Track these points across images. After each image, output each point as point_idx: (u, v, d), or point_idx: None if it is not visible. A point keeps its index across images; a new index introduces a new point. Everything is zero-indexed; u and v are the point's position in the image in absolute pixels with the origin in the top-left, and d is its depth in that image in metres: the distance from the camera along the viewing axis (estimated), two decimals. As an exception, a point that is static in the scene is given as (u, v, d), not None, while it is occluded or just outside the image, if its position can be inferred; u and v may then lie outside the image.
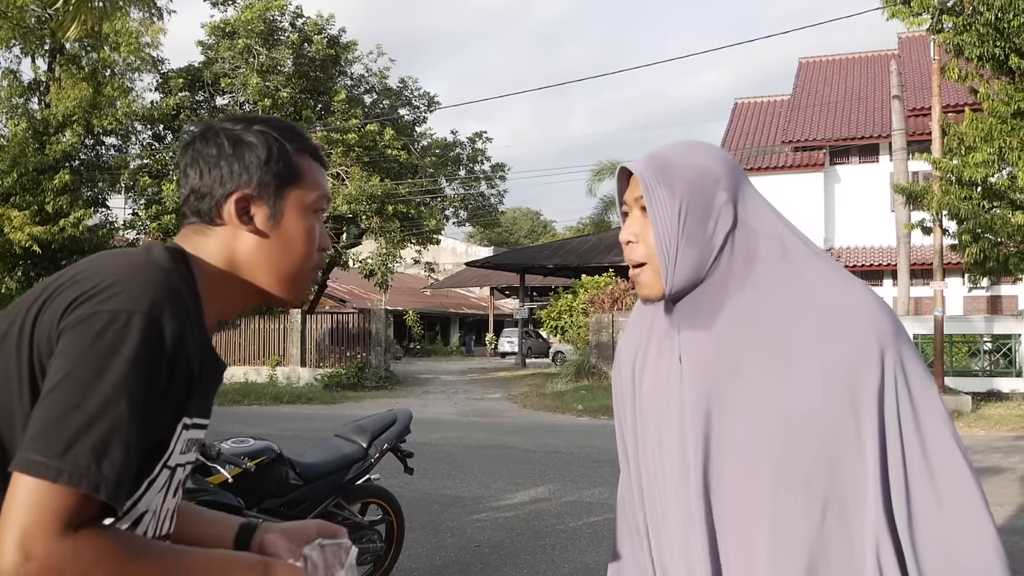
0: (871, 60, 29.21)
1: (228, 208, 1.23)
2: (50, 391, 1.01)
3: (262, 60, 22.01)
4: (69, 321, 1.04)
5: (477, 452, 10.49)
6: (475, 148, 26.85)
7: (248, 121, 1.28)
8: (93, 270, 1.10)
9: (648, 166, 1.34)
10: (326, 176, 1.35)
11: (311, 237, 1.28)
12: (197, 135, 1.28)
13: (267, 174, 1.24)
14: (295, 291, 1.30)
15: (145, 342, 1.03)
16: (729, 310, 1.31)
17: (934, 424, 1.26)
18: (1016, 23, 13.27)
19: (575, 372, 21.58)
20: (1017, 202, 13.86)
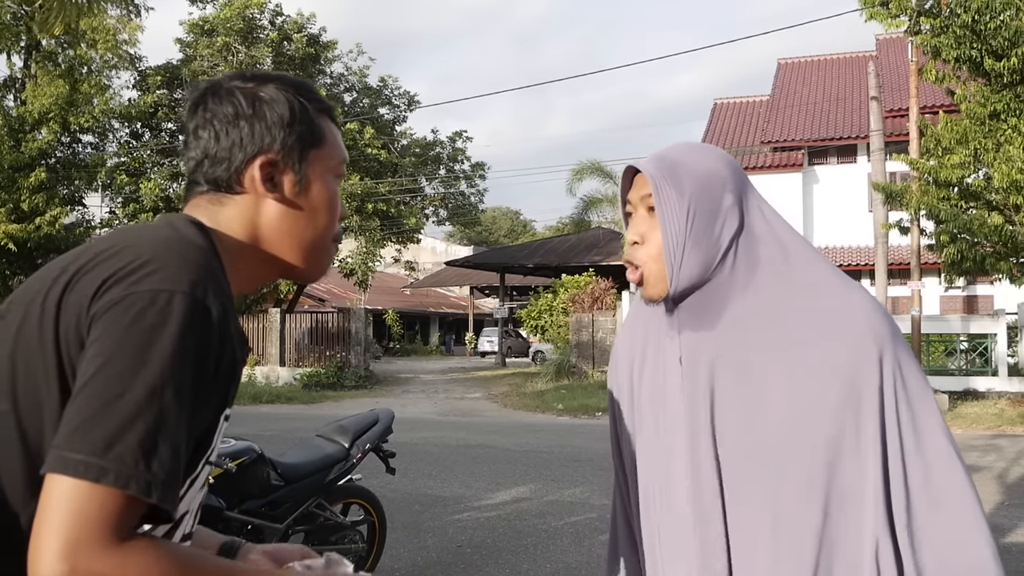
0: (849, 61, 29.41)
1: (251, 174, 1.12)
2: (87, 382, 0.90)
3: (241, 58, 21.89)
4: (101, 304, 0.94)
5: (458, 452, 10.47)
6: (455, 147, 26.85)
7: (261, 78, 1.17)
8: (120, 247, 0.99)
9: (656, 166, 1.34)
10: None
11: (334, 205, 1.20)
12: (208, 92, 1.15)
13: (291, 136, 1.14)
14: (321, 264, 1.21)
15: (190, 324, 0.94)
16: (731, 312, 1.32)
17: (931, 427, 1.27)
18: (992, 26, 13.41)
19: (555, 371, 21.61)
20: (993, 203, 13.99)
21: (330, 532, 4.46)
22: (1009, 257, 14.08)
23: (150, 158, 22.33)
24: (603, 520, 6.60)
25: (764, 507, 1.28)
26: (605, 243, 30.45)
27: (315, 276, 1.23)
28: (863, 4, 15.89)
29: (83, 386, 0.90)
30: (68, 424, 0.88)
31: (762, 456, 1.28)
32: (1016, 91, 13.60)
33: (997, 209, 13.90)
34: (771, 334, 1.29)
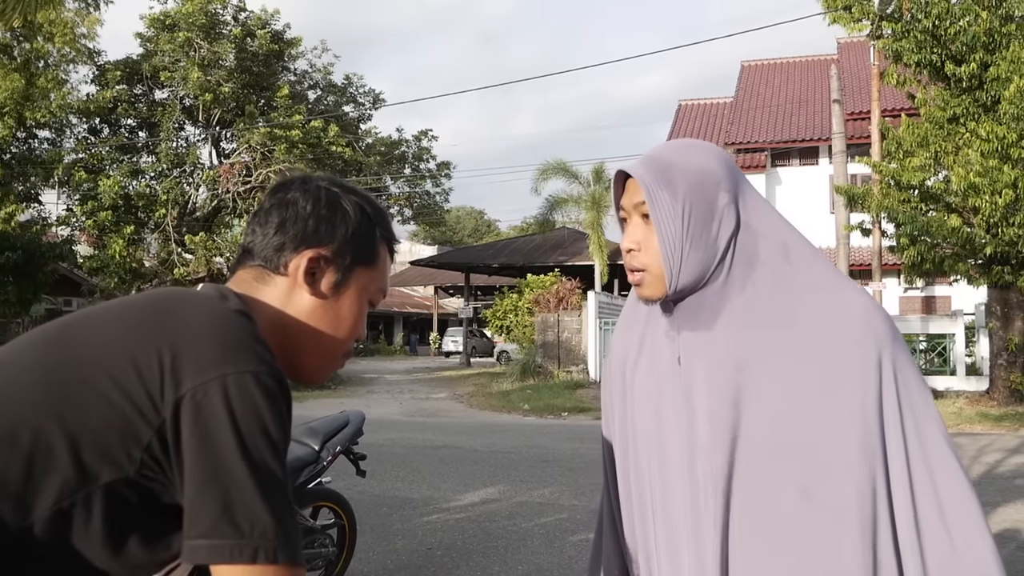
0: (811, 64, 29.74)
1: (298, 261, 1.18)
2: (204, 475, 0.96)
3: (203, 54, 21.60)
4: (187, 390, 0.98)
5: (425, 453, 10.40)
6: (420, 146, 26.73)
7: (348, 189, 1.25)
8: (179, 325, 1.04)
9: (648, 169, 1.31)
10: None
11: (359, 323, 1.25)
12: (296, 183, 1.23)
13: (347, 245, 1.20)
14: (325, 371, 1.26)
15: (276, 402, 1.01)
16: (730, 312, 1.30)
17: (931, 429, 1.26)
18: (952, 31, 13.65)
19: (521, 371, 21.62)
20: (952, 205, 14.22)
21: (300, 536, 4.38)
22: (967, 259, 14.33)
23: (109, 155, 21.94)
24: (573, 521, 6.58)
25: (762, 509, 1.26)
26: (570, 243, 30.53)
27: (316, 380, 1.27)
28: (826, 8, 16.10)
29: (201, 476, 0.96)
30: (209, 514, 0.95)
31: (761, 457, 1.26)
32: (974, 95, 13.85)
33: (956, 211, 14.13)
34: (770, 333, 1.28)
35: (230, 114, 22.28)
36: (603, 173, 28.52)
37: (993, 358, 14.94)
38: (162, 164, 21.78)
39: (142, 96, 23.28)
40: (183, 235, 21.42)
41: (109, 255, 20.33)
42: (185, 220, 22.18)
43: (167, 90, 22.97)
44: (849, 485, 1.23)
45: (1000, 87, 13.37)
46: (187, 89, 21.70)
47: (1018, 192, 13.02)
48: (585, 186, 28.57)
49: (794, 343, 1.27)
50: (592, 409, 16.01)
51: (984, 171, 13.04)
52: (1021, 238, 13.26)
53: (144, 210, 21.47)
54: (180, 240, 21.40)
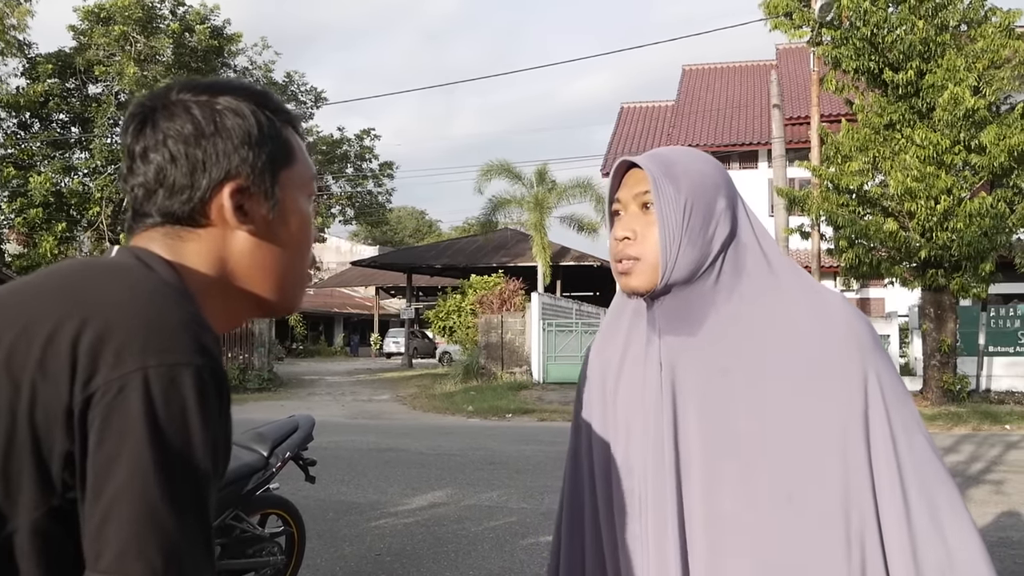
0: (751, 70, 30.21)
1: (219, 204, 0.96)
2: (113, 491, 0.78)
3: (139, 48, 21.09)
4: (98, 387, 0.79)
5: (369, 456, 10.27)
6: (363, 145, 26.50)
7: (215, 88, 1.00)
8: (92, 304, 0.84)
9: (654, 162, 1.32)
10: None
11: (309, 229, 1.05)
12: (155, 107, 0.97)
13: (260, 156, 0.98)
14: (297, 296, 1.07)
15: (210, 404, 0.82)
16: (715, 320, 1.30)
17: (917, 434, 1.26)
18: (889, 39, 13.96)
19: (464, 373, 21.54)
20: (889, 209, 14.54)
21: (247, 545, 4.26)
22: (902, 262, 14.67)
23: (40, 150, 21.28)
24: (523, 525, 6.54)
25: (748, 514, 1.25)
26: (513, 244, 30.54)
27: (292, 309, 1.09)
28: (768, 14, 16.33)
29: (116, 494, 0.78)
30: (113, 544, 0.77)
31: (745, 463, 1.26)
32: (910, 102, 14.19)
33: (892, 215, 14.46)
34: (753, 341, 1.28)
35: (167, 110, 21.78)
36: (546, 174, 28.60)
37: (926, 359, 15.31)
38: (96, 161, 21.19)
39: (75, 90, 22.62)
40: (118, 234, 20.88)
41: (40, 254, 19.71)
42: (120, 219, 21.62)
43: (102, 85, 22.36)
44: (834, 490, 1.23)
45: (935, 94, 13.71)
46: (123, 84, 21.14)
47: (952, 198, 13.38)
48: (528, 187, 28.61)
49: (778, 350, 1.27)
50: (536, 411, 16.02)
51: (921, 176, 13.37)
52: (954, 242, 13.62)
53: (77, 208, 20.88)
54: (115, 239, 20.85)
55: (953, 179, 13.54)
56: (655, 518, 1.30)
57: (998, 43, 13.95)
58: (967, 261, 13.83)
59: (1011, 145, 13.33)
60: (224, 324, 1.02)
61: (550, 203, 28.23)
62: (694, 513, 1.27)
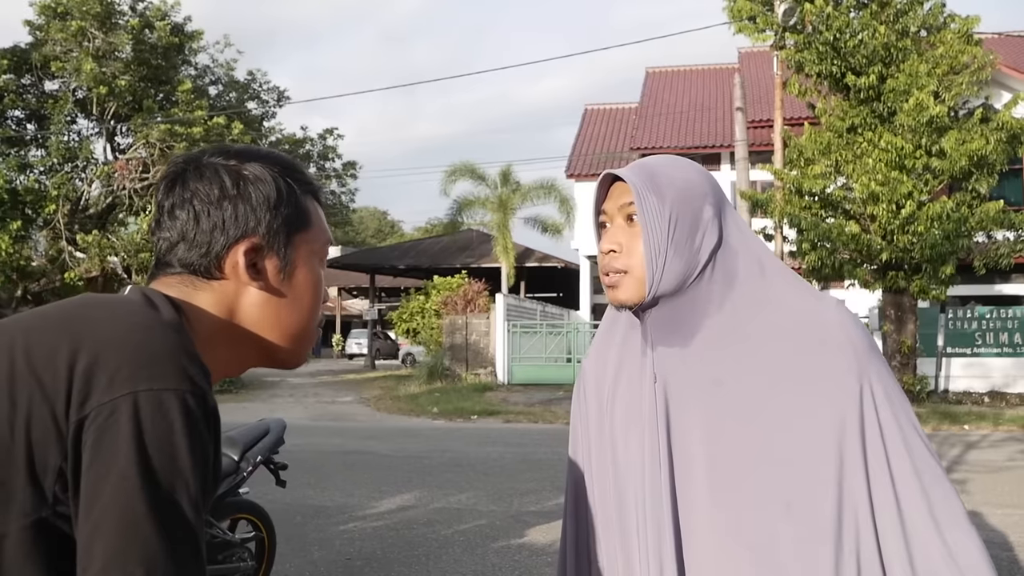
0: (714, 73, 30.41)
1: (234, 260, 1.03)
2: (99, 510, 0.81)
3: (98, 44, 20.67)
4: (91, 409, 0.84)
5: (335, 458, 10.17)
6: (326, 145, 26.28)
7: (245, 154, 1.08)
8: (93, 333, 0.89)
9: (637, 174, 1.30)
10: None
11: (319, 290, 1.12)
12: (187, 168, 1.06)
13: (277, 219, 1.05)
14: (303, 351, 1.13)
15: (196, 426, 0.86)
16: (707, 329, 1.28)
17: (914, 438, 1.25)
18: (851, 44, 14.14)
19: (428, 374, 21.45)
20: (850, 212, 14.73)
21: (218, 550, 4.18)
22: (864, 264, 14.87)
23: (-3, 149, 20.82)
24: (493, 527, 6.51)
25: (745, 525, 1.23)
26: (477, 245, 30.50)
27: (296, 363, 1.14)
28: (732, 18, 16.47)
29: (104, 510, 0.82)
30: (99, 557, 0.81)
31: (741, 473, 1.24)
32: (872, 107, 14.38)
33: (854, 218, 14.65)
34: (746, 350, 1.26)
35: (126, 108, 21.37)
36: (510, 175, 28.61)
37: (887, 360, 15.52)
38: (52, 158, 20.76)
39: (31, 87, 22.12)
40: (75, 233, 20.48)
41: (-6, 252, 19.27)
42: (77, 217, 21.21)
43: (58, 81, 21.89)
44: (831, 496, 1.21)
45: (896, 99, 13.91)
46: (80, 81, 20.72)
47: (914, 202, 13.59)
48: (492, 188, 28.58)
49: (771, 358, 1.25)
50: (502, 412, 15.99)
51: (885, 180, 13.56)
52: (915, 245, 13.83)
53: (32, 206, 20.42)
54: (72, 238, 20.45)
55: (914, 183, 13.74)
56: (652, 533, 1.28)
57: (957, 49, 14.20)
58: (927, 264, 14.05)
59: (971, 150, 13.57)
60: (230, 370, 1.10)
61: (514, 204, 28.23)
62: (691, 526, 1.26)
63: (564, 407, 16.70)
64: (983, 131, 14.02)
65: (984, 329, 17.52)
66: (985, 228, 14.46)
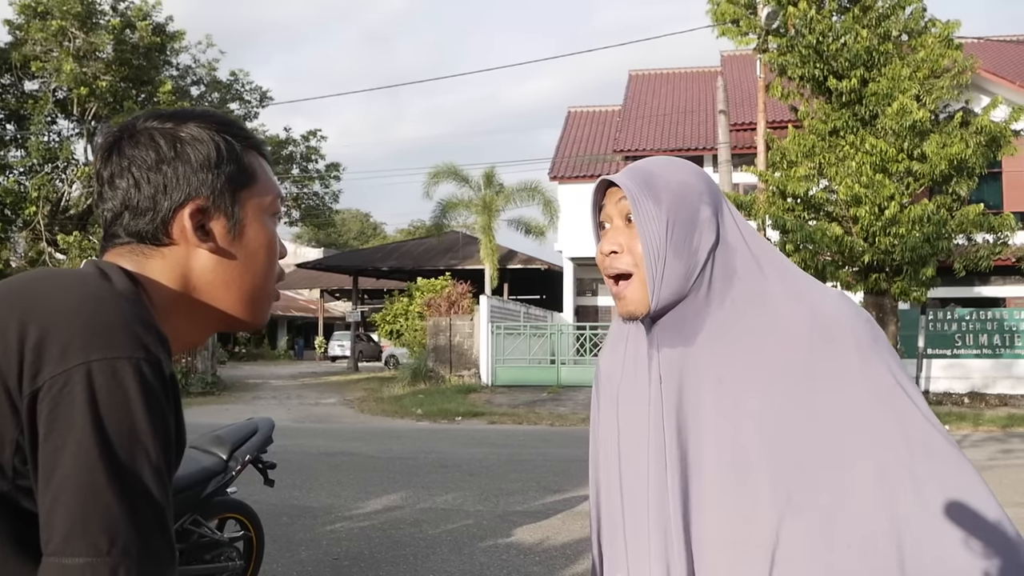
0: (696, 76, 30.54)
1: (180, 224, 1.02)
2: (59, 481, 0.82)
3: (79, 44, 20.52)
4: (44, 381, 0.84)
5: (319, 459, 10.14)
6: (309, 146, 26.20)
7: (180, 116, 1.06)
8: (44, 306, 0.88)
9: (632, 178, 1.31)
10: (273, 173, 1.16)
11: (273, 247, 1.10)
12: (121, 136, 1.04)
13: (219, 178, 1.04)
14: (262, 312, 1.11)
15: (153, 393, 0.86)
16: (709, 328, 1.29)
17: (926, 428, 1.24)
18: (834, 47, 14.24)
19: (411, 376, 21.40)
20: (833, 214, 14.83)
21: (206, 550, 4.16)
22: (846, 266, 14.96)
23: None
24: (480, 527, 6.51)
25: (749, 528, 1.23)
26: (461, 247, 30.49)
27: (259, 324, 1.13)
28: (715, 21, 16.55)
29: (56, 479, 0.82)
30: (60, 528, 0.82)
31: (741, 472, 1.24)
32: (854, 110, 14.49)
33: (836, 220, 14.74)
34: (749, 347, 1.26)
35: (107, 109, 21.21)
36: (493, 177, 28.60)
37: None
38: (32, 159, 20.59)
39: (11, 87, 21.93)
40: (55, 234, 20.32)
41: (-27, 254, 19.12)
42: (58, 218, 21.05)
43: (38, 81, 21.73)
44: (835, 488, 1.21)
45: (879, 103, 14.02)
46: (60, 81, 20.56)
47: (896, 204, 13.70)
48: (476, 190, 28.58)
49: (773, 354, 1.25)
50: (486, 413, 15.99)
51: (869, 183, 13.66)
52: (897, 247, 13.93)
53: (12, 207, 20.26)
54: (52, 239, 20.29)
55: (896, 186, 13.85)
56: (657, 535, 1.28)
57: (938, 53, 14.33)
58: (909, 266, 14.16)
59: (951, 154, 13.70)
60: (191, 338, 1.08)
61: (498, 206, 28.23)
62: (699, 525, 1.26)
63: (548, 408, 16.72)
64: (963, 135, 14.15)
65: (964, 331, 17.68)
66: (965, 231, 14.59)
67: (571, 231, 26.38)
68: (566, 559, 5.66)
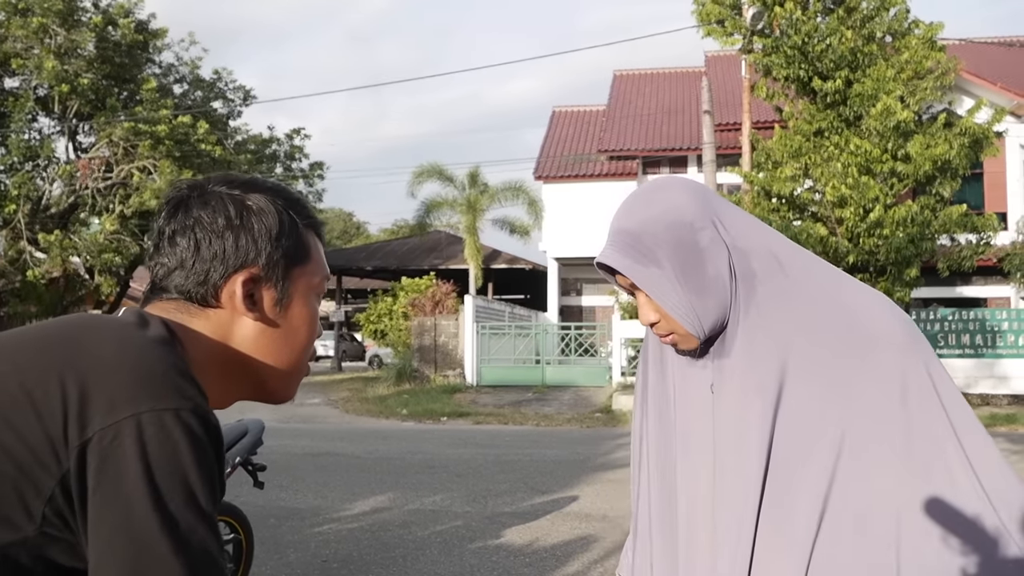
0: (681, 76, 30.60)
1: (231, 289, 1.03)
2: (109, 534, 0.81)
3: (60, 41, 20.30)
4: (94, 433, 0.83)
5: (305, 460, 10.08)
6: (293, 145, 26.03)
7: (250, 185, 1.08)
8: (87, 355, 0.88)
9: (622, 250, 1.30)
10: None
11: (314, 325, 1.11)
12: (191, 195, 1.06)
13: (277, 251, 1.05)
14: (292, 387, 1.12)
15: (201, 445, 0.86)
16: (742, 336, 1.29)
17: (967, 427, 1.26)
18: (819, 48, 14.30)
19: (396, 376, 21.32)
20: (818, 215, 14.89)
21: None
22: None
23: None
24: (469, 528, 6.48)
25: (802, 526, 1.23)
26: (445, 246, 30.43)
27: (286, 399, 1.14)
28: (700, 22, 16.58)
29: (114, 532, 0.81)
30: None
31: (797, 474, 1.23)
32: (838, 110, 14.55)
33: (821, 221, 14.80)
34: (779, 351, 1.26)
35: (89, 106, 21.00)
36: (478, 177, 28.55)
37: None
38: (13, 157, 20.35)
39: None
40: (36, 233, 20.10)
41: (-48, 253, 18.90)
42: (38, 217, 20.82)
43: (19, 78, 21.48)
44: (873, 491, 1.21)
45: (863, 103, 14.09)
46: (41, 78, 20.32)
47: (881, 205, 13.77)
48: (460, 190, 28.52)
49: (804, 356, 1.25)
50: (471, 414, 15.96)
51: (854, 184, 13.73)
52: (881, 247, 14.01)
53: (-9, 206, 20.03)
54: (33, 238, 20.08)
55: (880, 187, 13.93)
56: (731, 536, 1.28)
57: (921, 54, 14.42)
58: (893, 266, 14.24)
59: (935, 155, 13.79)
60: (218, 401, 1.07)
61: (482, 206, 28.18)
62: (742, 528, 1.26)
63: (534, 409, 16.70)
64: (946, 136, 14.25)
65: (946, 331, 17.79)
66: (948, 231, 14.69)
67: (556, 231, 26.39)
68: (556, 560, 5.65)
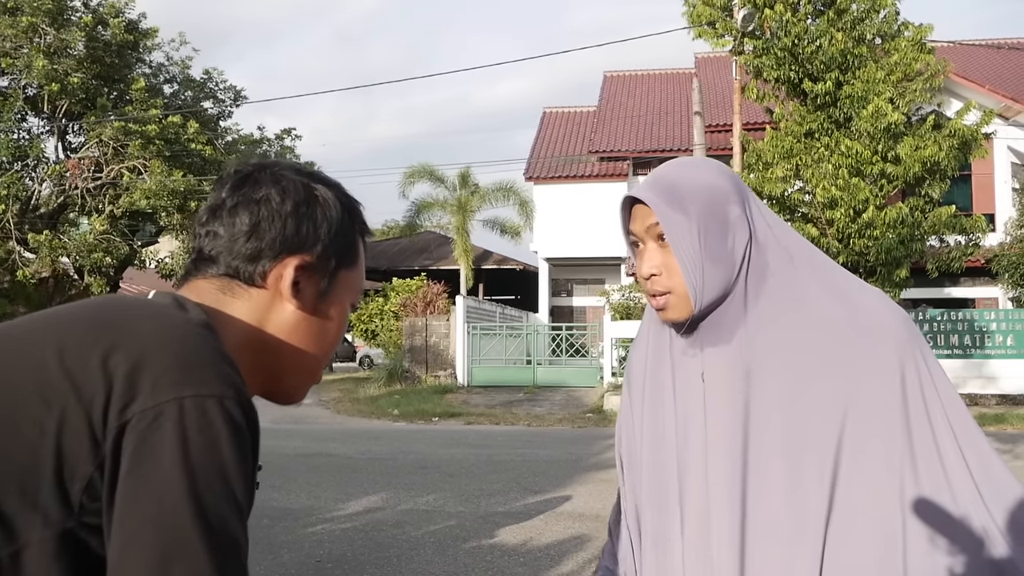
0: (671, 77, 30.68)
1: (280, 271, 1.01)
2: (139, 519, 0.78)
3: (49, 41, 20.23)
4: (134, 415, 0.80)
5: (298, 461, 10.08)
6: (283, 146, 25.99)
7: (316, 177, 1.08)
8: (131, 335, 0.86)
9: (657, 192, 1.30)
10: None
11: (341, 330, 1.10)
12: (265, 175, 1.04)
13: (331, 247, 1.04)
14: (304, 388, 1.10)
15: (241, 435, 0.83)
16: (748, 324, 1.29)
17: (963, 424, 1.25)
18: (809, 50, 14.37)
19: (387, 376, 21.31)
20: (809, 216, 14.96)
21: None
22: (820, 267, 15.09)
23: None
24: (463, 528, 6.50)
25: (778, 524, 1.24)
26: (436, 247, 30.45)
27: (295, 399, 1.11)
28: (691, 23, 16.62)
29: (143, 519, 0.78)
30: (136, 568, 0.77)
31: (786, 464, 1.25)
32: (829, 112, 14.62)
33: (812, 222, 14.87)
34: (782, 343, 1.27)
35: (79, 106, 20.94)
36: (469, 177, 28.57)
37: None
38: (2, 156, 20.26)
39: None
40: (25, 233, 20.02)
41: (-60, 253, 18.80)
42: (27, 217, 20.73)
43: (8, 78, 21.39)
44: (865, 484, 1.22)
45: (853, 105, 14.15)
46: (31, 78, 20.25)
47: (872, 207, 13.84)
48: (451, 190, 28.53)
49: (805, 349, 1.26)
50: (463, 414, 15.96)
51: (844, 185, 13.79)
52: (871, 249, 14.08)
53: (-20, 206, 19.94)
54: (22, 238, 19.99)
55: (871, 188, 14.00)
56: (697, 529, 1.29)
57: (911, 56, 14.50)
58: (883, 267, 14.31)
59: (924, 156, 13.87)
60: None
61: (473, 206, 28.21)
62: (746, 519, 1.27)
63: (525, 409, 16.72)
64: (936, 138, 14.33)
65: (935, 331, 17.88)
66: (937, 232, 14.77)
67: (546, 231, 26.41)
68: (550, 560, 5.67)
